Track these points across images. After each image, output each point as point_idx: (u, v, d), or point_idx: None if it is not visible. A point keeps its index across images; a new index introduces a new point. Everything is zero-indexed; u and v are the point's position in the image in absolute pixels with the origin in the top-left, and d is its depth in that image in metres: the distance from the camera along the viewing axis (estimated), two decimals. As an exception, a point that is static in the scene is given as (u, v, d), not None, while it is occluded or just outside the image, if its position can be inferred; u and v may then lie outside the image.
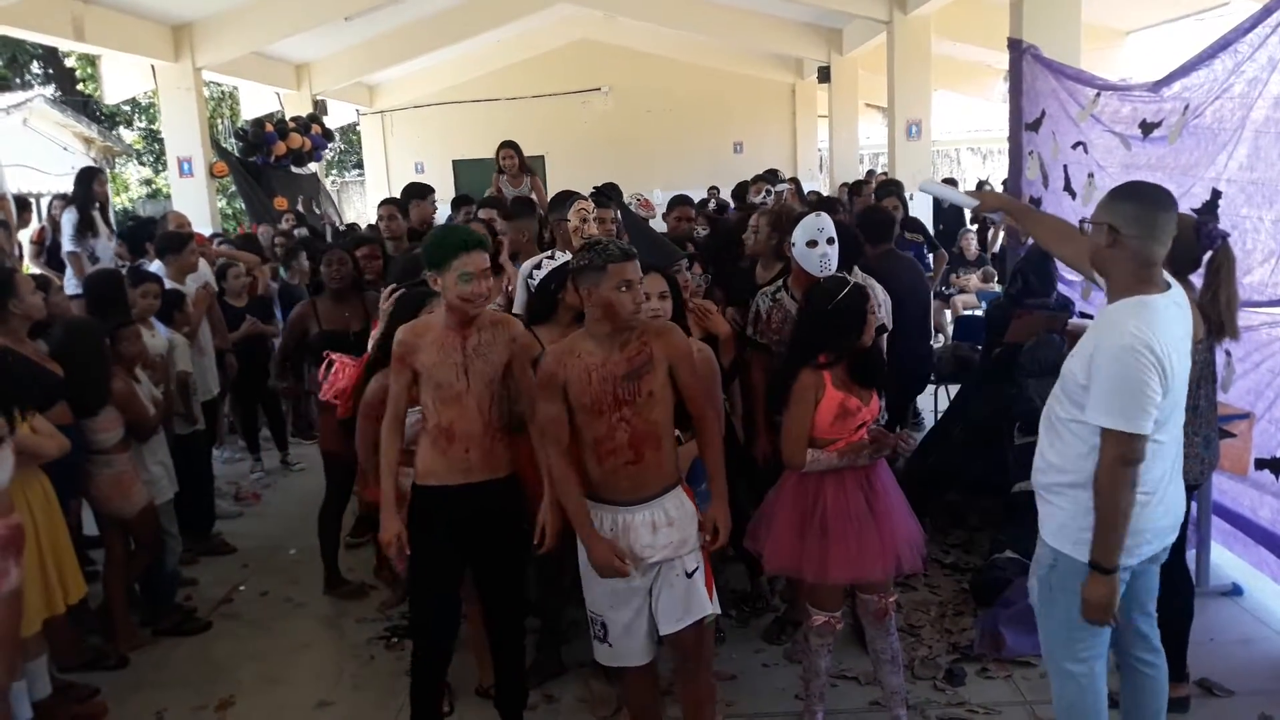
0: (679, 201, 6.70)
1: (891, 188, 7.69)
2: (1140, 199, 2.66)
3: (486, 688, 3.92)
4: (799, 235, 4.06)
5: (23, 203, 8.67)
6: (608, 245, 2.91)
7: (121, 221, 10.55)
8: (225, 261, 7.26)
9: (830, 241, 4.02)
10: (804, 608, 3.55)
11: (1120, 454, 2.62)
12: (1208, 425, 3.59)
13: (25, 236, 8.70)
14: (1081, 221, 2.67)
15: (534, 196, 7.20)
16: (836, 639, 3.57)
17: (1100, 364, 2.62)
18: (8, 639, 3.39)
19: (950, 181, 12.22)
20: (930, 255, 7.94)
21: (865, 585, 3.45)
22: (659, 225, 8.11)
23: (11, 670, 3.48)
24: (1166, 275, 2.75)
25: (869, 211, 6.06)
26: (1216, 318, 3.41)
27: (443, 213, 8.05)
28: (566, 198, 4.92)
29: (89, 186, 7.61)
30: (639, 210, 6.55)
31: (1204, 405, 3.56)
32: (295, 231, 8.50)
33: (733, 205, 8.73)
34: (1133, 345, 2.56)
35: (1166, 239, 2.65)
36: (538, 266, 3.91)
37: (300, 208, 11.93)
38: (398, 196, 6.99)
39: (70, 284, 7.09)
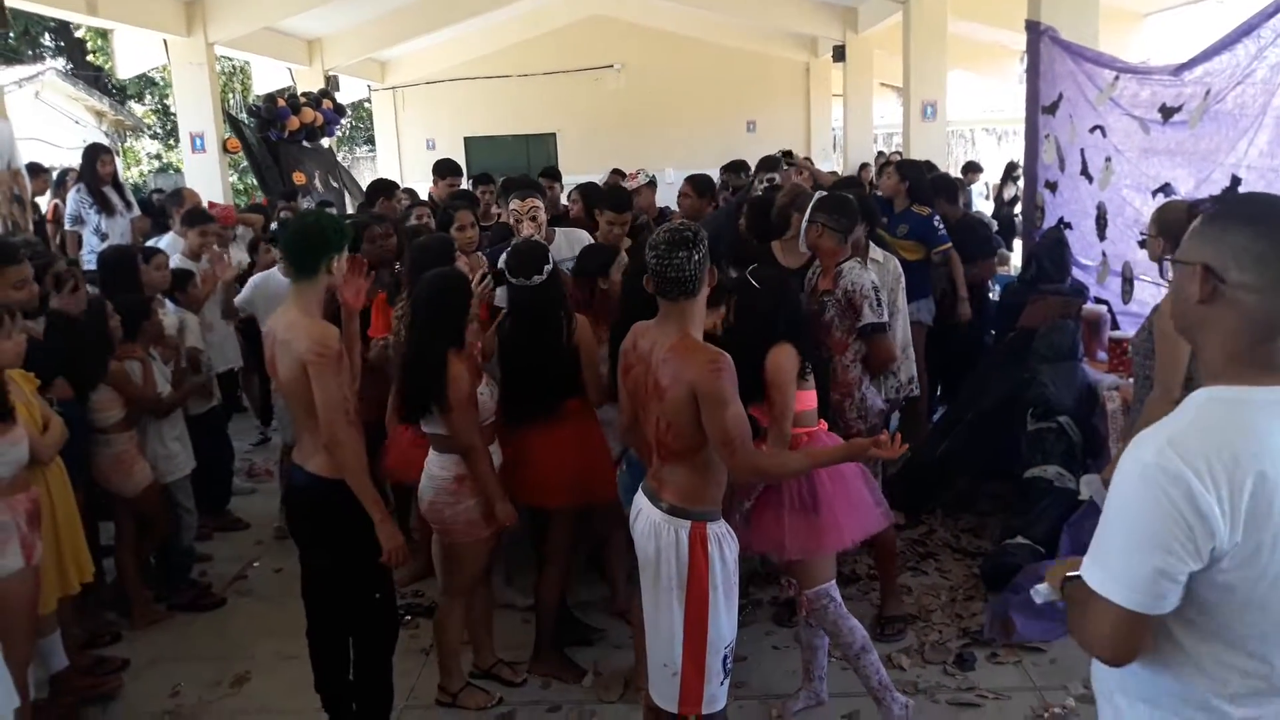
0: (687, 181, 6.68)
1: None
2: (1268, 224, 1.56)
3: (487, 668, 3.99)
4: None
5: (37, 168, 8.62)
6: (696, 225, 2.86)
7: (135, 194, 10.50)
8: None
9: None
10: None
11: (1107, 638, 1.60)
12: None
13: (44, 201, 8.71)
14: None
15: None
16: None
17: (1113, 484, 1.60)
18: (31, 613, 3.42)
19: (973, 166, 12.16)
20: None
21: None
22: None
23: (31, 645, 3.51)
24: None
25: (938, 177, 6.78)
26: None
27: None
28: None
29: (93, 165, 7.60)
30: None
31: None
32: (283, 213, 8.28)
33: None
34: (1158, 466, 1.51)
35: None
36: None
37: (318, 183, 11.90)
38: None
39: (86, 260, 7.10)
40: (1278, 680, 1.58)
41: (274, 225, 7.78)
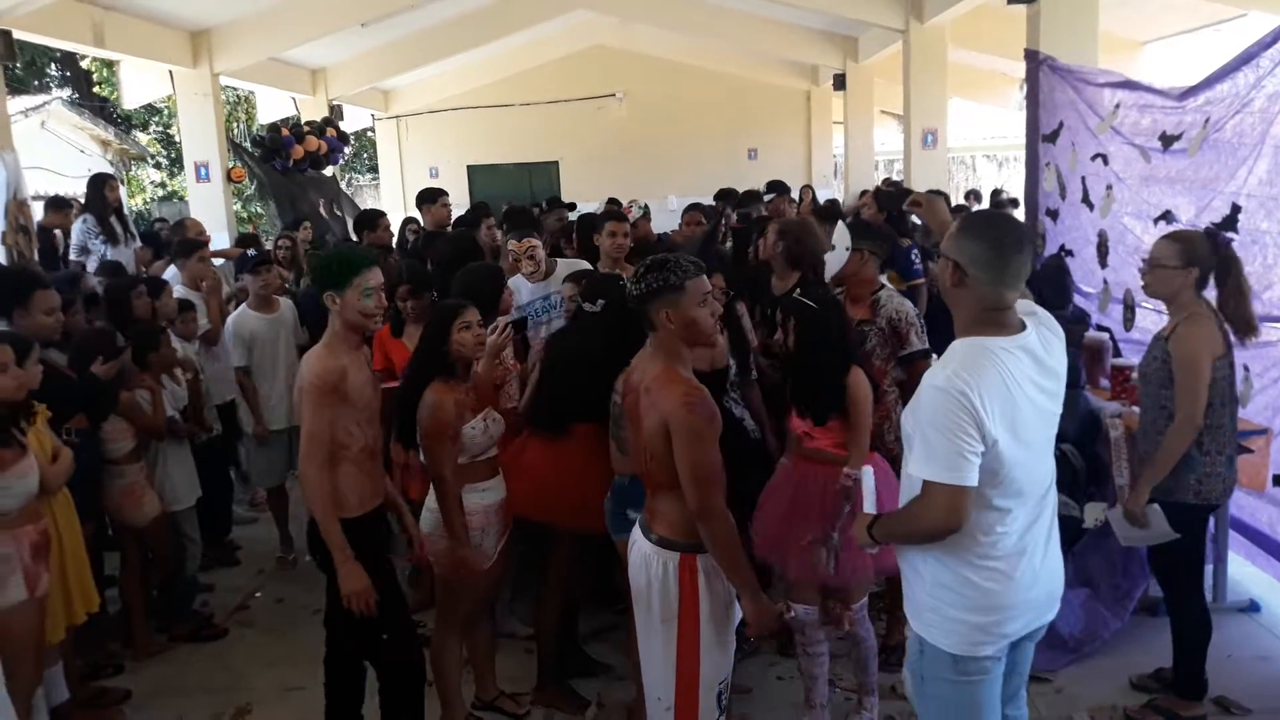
0: (692, 207, 6.74)
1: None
2: (991, 240, 2.33)
3: (489, 700, 3.97)
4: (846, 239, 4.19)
5: (61, 201, 8.54)
6: (679, 261, 2.75)
7: (138, 225, 10.52)
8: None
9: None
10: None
11: (943, 511, 2.29)
12: (1231, 444, 3.57)
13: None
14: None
15: None
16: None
17: (919, 408, 2.33)
18: (35, 643, 3.41)
19: (974, 195, 12.16)
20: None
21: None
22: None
23: (38, 676, 3.50)
24: (1031, 308, 2.48)
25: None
26: (1236, 316, 3.48)
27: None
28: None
29: (101, 193, 7.61)
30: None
31: (1228, 424, 3.53)
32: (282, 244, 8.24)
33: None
34: (948, 388, 2.25)
35: (1018, 282, 2.35)
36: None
37: (323, 211, 11.92)
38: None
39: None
40: (1010, 518, 2.35)
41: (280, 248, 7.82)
